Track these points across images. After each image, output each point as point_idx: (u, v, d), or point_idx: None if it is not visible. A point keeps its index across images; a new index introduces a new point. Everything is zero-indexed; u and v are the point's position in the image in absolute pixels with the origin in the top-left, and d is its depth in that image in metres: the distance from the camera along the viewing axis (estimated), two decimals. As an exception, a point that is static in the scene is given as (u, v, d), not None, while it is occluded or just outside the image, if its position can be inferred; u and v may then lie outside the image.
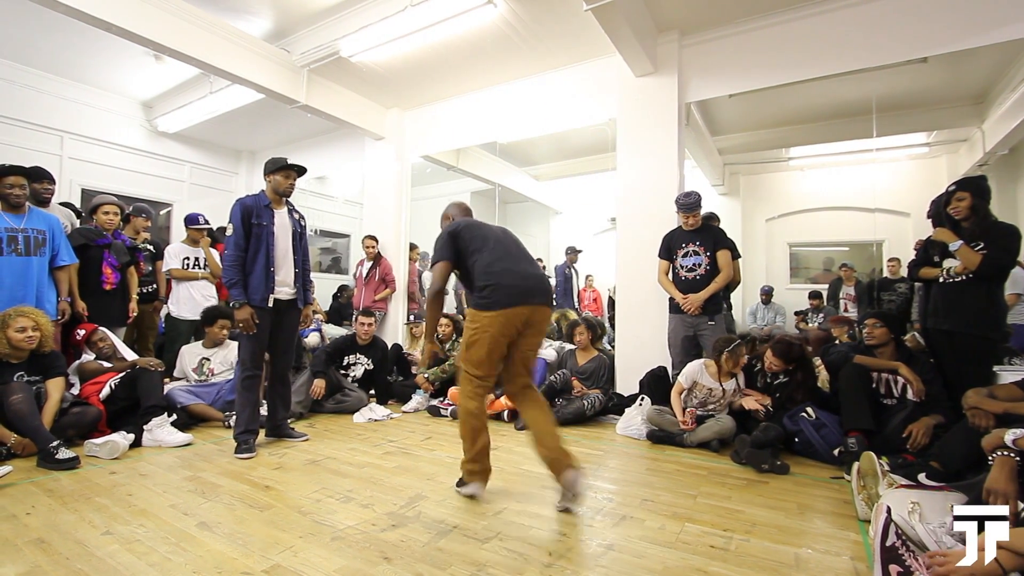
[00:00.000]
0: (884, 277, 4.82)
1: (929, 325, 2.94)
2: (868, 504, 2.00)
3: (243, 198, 2.97)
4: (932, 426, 2.54)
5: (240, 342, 2.98)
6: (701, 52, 4.01)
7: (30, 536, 1.78)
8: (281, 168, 2.99)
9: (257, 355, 2.97)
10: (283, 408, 3.20)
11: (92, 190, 5.65)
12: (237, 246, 2.86)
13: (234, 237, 2.87)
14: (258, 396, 3.02)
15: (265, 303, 2.91)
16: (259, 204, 2.95)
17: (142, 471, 2.53)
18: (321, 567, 1.59)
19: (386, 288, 5.58)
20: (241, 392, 2.95)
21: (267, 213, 2.95)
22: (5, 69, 5.22)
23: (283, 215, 3.05)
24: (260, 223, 2.91)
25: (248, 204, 2.93)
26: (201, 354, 3.84)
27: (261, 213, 2.93)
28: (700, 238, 3.55)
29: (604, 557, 1.69)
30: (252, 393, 2.96)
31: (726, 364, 3.13)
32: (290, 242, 3.05)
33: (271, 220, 2.96)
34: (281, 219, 3.03)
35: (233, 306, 2.85)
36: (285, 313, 3.07)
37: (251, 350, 2.94)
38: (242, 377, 2.95)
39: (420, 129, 5.81)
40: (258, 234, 2.91)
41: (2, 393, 2.65)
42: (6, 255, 3.06)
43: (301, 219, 3.19)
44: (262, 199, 2.98)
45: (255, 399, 2.97)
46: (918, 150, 5.06)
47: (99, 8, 3.48)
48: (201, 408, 3.51)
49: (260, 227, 2.91)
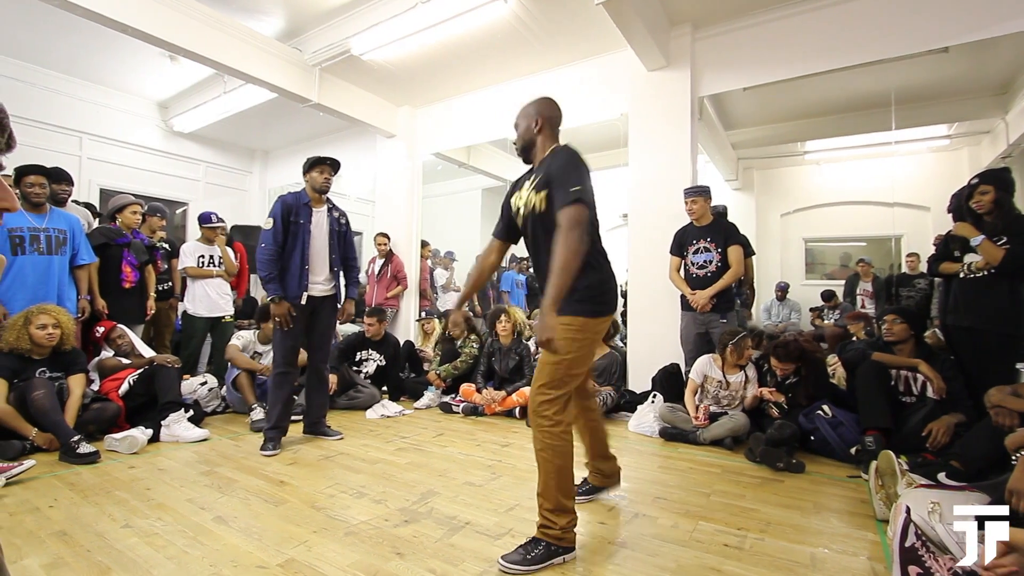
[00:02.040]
0: (903, 273, 4.73)
1: (949, 322, 2.87)
2: (886, 504, 1.97)
3: (284, 195, 3.03)
4: (953, 425, 2.49)
5: (274, 339, 3.03)
6: (715, 45, 3.96)
7: (53, 528, 1.82)
8: (315, 164, 3.04)
9: (291, 352, 3.02)
10: (320, 404, 3.22)
11: (110, 190, 5.75)
12: (274, 240, 2.91)
13: (272, 231, 2.91)
14: (290, 393, 3.05)
15: (299, 299, 2.96)
16: (299, 202, 3.00)
17: (160, 465, 2.58)
18: (335, 562, 1.60)
19: (398, 285, 5.61)
20: (273, 389, 2.99)
21: (305, 211, 3.00)
22: (26, 72, 5.33)
23: (321, 213, 3.09)
24: (298, 221, 2.97)
25: (288, 201, 2.98)
26: (256, 348, 3.86)
27: (300, 211, 2.98)
28: (711, 234, 3.51)
29: (617, 555, 1.69)
30: (283, 390, 2.99)
31: (731, 357, 3.12)
32: (326, 240, 3.08)
33: (308, 218, 3.01)
34: (319, 217, 3.07)
35: (271, 300, 2.91)
36: (320, 309, 3.11)
37: (285, 347, 2.99)
38: (275, 373, 3.00)
39: (431, 126, 5.82)
40: (295, 232, 2.96)
41: (25, 389, 2.72)
42: (29, 254, 3.13)
43: (341, 217, 3.21)
44: (302, 197, 3.03)
45: (287, 396, 3.00)
46: (939, 142, 4.93)
47: (116, 10, 3.53)
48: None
49: (297, 225, 2.97)
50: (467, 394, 3.94)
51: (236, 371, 3.69)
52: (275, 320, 2.92)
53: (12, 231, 3.09)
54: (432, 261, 6.41)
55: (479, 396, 3.88)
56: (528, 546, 1.61)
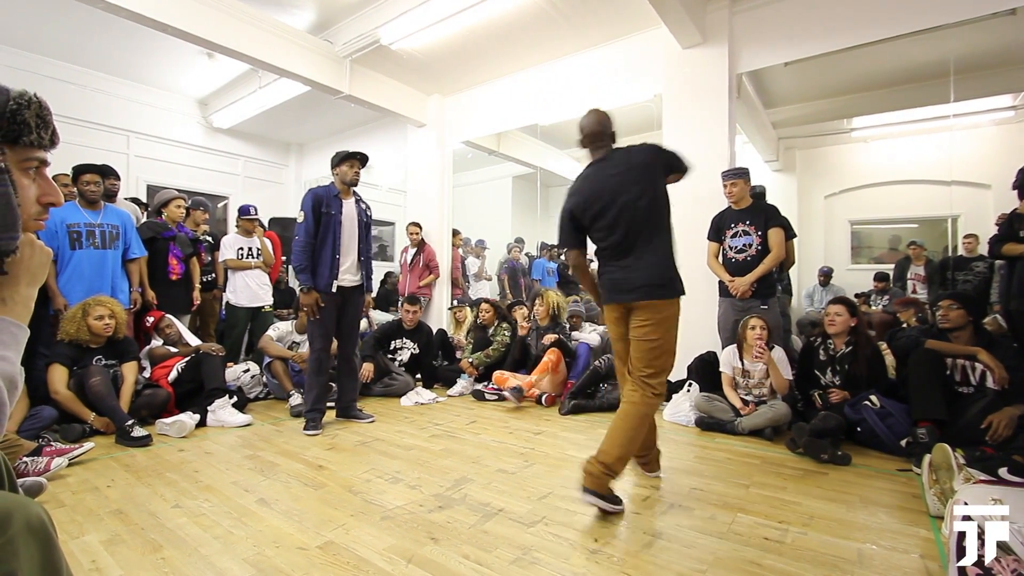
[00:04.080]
0: (959, 255, 4.44)
1: (1013, 307, 2.69)
2: (941, 500, 1.86)
3: (315, 188, 3.11)
4: (1016, 417, 2.33)
5: (309, 327, 3.15)
6: (754, 18, 3.76)
7: (111, 507, 1.93)
8: (345, 159, 3.12)
9: (325, 338, 3.13)
10: (351, 388, 3.35)
11: (156, 186, 6.01)
12: (307, 232, 3.01)
13: (305, 224, 3.01)
14: (327, 377, 3.19)
15: (329, 289, 3.05)
16: (329, 194, 3.08)
17: (207, 449, 2.70)
18: (371, 545, 1.64)
19: (430, 274, 5.66)
20: (311, 373, 3.14)
21: (336, 203, 3.09)
22: (77, 75, 5.60)
23: (350, 204, 3.17)
24: (329, 212, 3.05)
25: (319, 194, 3.06)
26: (293, 338, 3.99)
27: (331, 203, 3.06)
28: (750, 217, 3.37)
29: (652, 546, 1.66)
30: (321, 375, 3.13)
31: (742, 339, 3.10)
32: (356, 231, 3.18)
33: (339, 209, 3.09)
34: (348, 208, 3.15)
35: (301, 290, 3.01)
36: (349, 298, 3.21)
37: (319, 334, 3.11)
38: (312, 359, 3.14)
39: (461, 114, 5.79)
40: (326, 223, 3.05)
41: (83, 376, 2.89)
42: (85, 248, 3.32)
43: (367, 209, 3.30)
44: (332, 189, 3.11)
45: (324, 380, 3.15)
46: (1003, 114, 4.56)
47: (157, 11, 3.64)
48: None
49: (329, 216, 3.05)
50: (500, 381, 3.95)
51: (270, 358, 3.83)
52: (304, 309, 3.02)
53: (71, 226, 3.27)
54: (463, 250, 6.44)
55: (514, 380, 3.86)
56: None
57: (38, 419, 2.68)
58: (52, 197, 0.85)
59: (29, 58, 5.22)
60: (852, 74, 4.60)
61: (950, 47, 3.77)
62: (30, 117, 0.78)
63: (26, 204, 0.81)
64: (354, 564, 1.53)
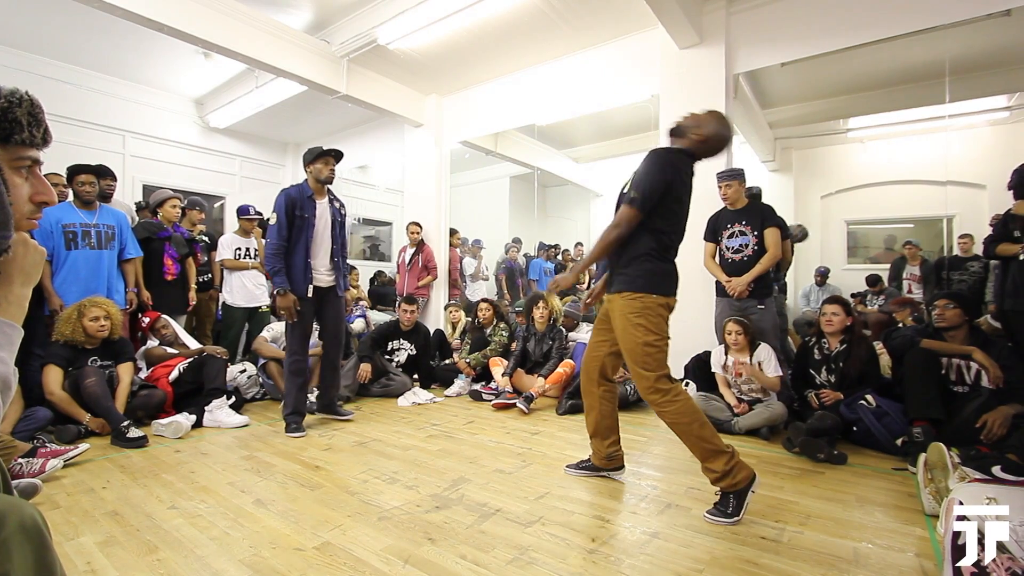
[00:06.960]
0: (954, 255, 4.46)
1: (1007, 307, 2.70)
2: (936, 499, 1.87)
3: (287, 189, 3.06)
4: (1011, 416, 2.34)
5: (287, 330, 3.11)
6: (751, 18, 3.77)
7: (106, 508, 1.92)
8: (320, 156, 3.06)
9: (301, 341, 3.09)
10: (331, 386, 3.33)
11: (152, 185, 5.98)
12: (280, 235, 2.97)
13: (277, 227, 2.97)
14: (305, 380, 3.14)
15: (305, 293, 3.02)
16: (303, 195, 3.03)
17: (203, 450, 2.69)
18: (368, 545, 1.64)
19: (428, 275, 5.66)
20: (289, 376, 3.08)
21: (309, 204, 3.04)
22: (72, 74, 5.57)
23: (324, 205, 3.13)
24: (303, 214, 3.00)
25: (292, 195, 3.01)
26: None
27: (304, 204, 3.02)
28: (746, 217, 3.38)
29: (649, 545, 1.66)
30: (299, 377, 3.09)
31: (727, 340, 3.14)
32: (328, 230, 3.14)
33: (312, 212, 3.05)
34: (322, 209, 3.11)
35: (277, 293, 2.96)
36: (326, 299, 3.17)
37: (297, 336, 3.07)
38: (289, 362, 3.09)
39: (458, 114, 5.79)
40: (300, 225, 3.01)
41: (78, 376, 2.87)
42: (81, 248, 3.30)
43: (341, 208, 3.26)
44: (305, 190, 3.06)
45: (302, 383, 3.10)
46: (998, 115, 4.58)
47: (153, 10, 3.63)
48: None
49: (302, 218, 3.00)
50: (493, 364, 4.12)
51: (265, 359, 3.83)
52: (281, 312, 2.98)
53: (66, 227, 3.26)
54: (461, 250, 6.43)
55: (503, 380, 3.88)
56: (720, 504, 1.84)
57: (33, 420, 2.67)
58: (45, 196, 0.85)
59: (25, 57, 5.19)
60: (848, 75, 4.61)
61: (946, 48, 3.79)
62: (22, 115, 0.77)
63: (18, 203, 0.80)
64: (351, 565, 1.52)
